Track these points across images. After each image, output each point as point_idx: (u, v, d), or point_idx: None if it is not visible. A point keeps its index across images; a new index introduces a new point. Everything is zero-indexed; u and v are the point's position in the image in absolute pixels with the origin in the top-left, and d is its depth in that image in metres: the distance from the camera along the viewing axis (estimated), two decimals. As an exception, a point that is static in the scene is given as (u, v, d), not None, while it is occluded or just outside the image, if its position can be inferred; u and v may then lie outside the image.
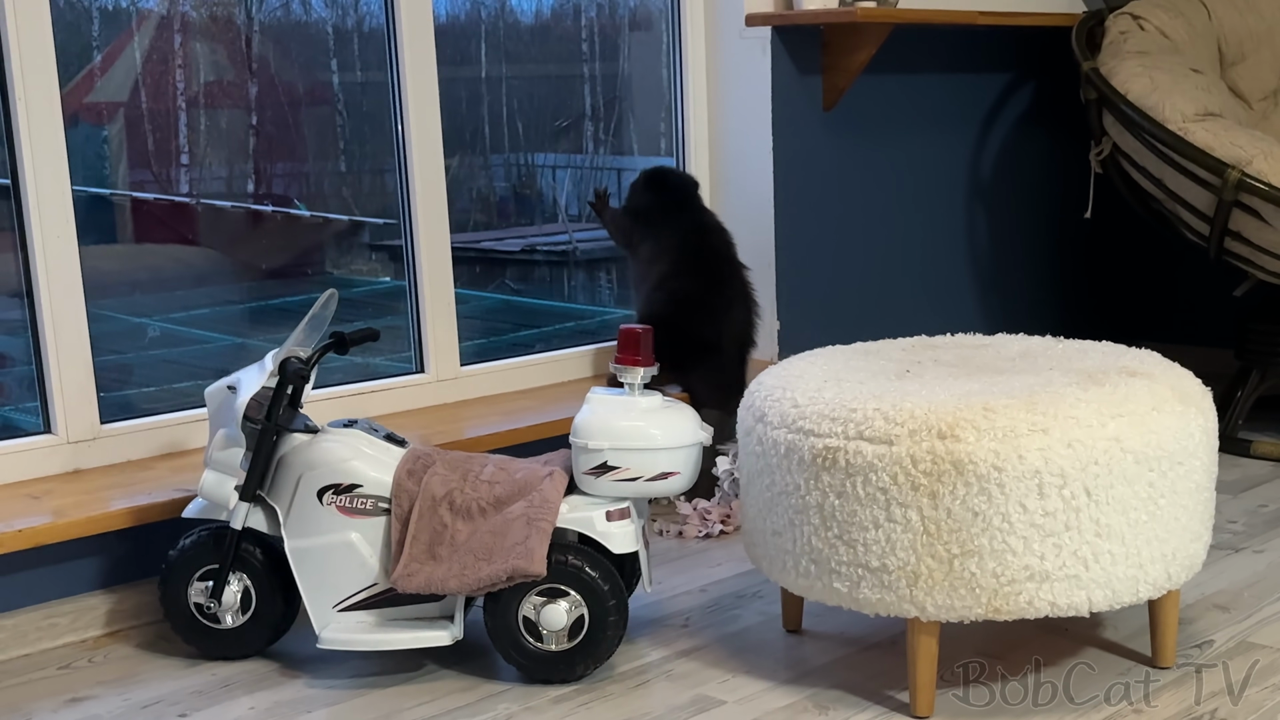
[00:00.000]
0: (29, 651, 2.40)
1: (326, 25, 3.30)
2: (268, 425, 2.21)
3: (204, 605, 2.28)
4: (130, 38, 2.98)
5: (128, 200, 3.01)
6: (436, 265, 3.07)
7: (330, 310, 2.31)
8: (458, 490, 2.19)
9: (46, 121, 2.53)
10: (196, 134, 3.09)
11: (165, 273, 3.09)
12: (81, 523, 2.36)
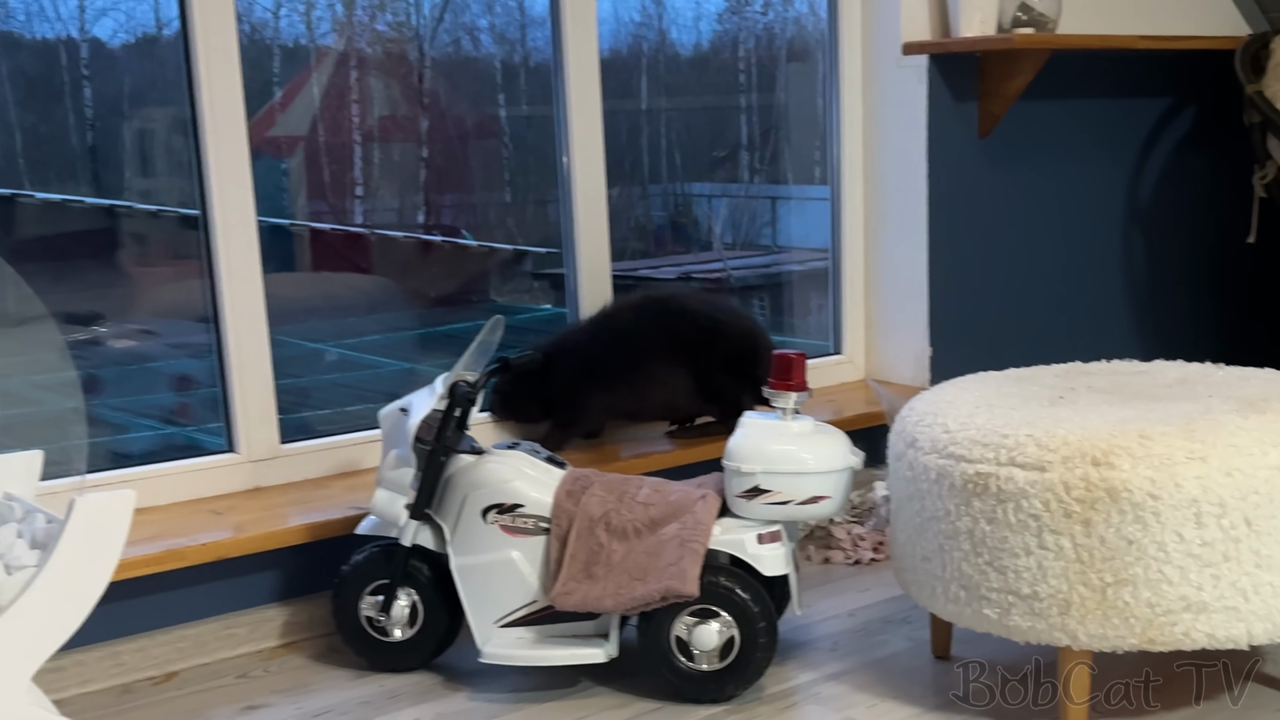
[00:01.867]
0: (209, 660, 2.46)
1: (495, 61, 3.35)
2: (436, 446, 2.24)
3: (374, 619, 2.31)
4: (309, 74, 3.07)
5: (306, 230, 3.10)
6: (597, 292, 3.09)
7: (497, 336, 2.35)
8: (614, 511, 2.20)
9: (234, 155, 2.59)
10: (370, 166, 3.17)
11: (340, 300, 3.17)
12: (260, 538, 2.41)
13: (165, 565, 2.30)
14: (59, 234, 2.77)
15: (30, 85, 2.73)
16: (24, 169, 2.74)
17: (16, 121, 2.71)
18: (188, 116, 2.59)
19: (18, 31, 2.66)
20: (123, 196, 2.85)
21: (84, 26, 2.75)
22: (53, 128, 2.77)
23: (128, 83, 2.85)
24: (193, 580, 2.41)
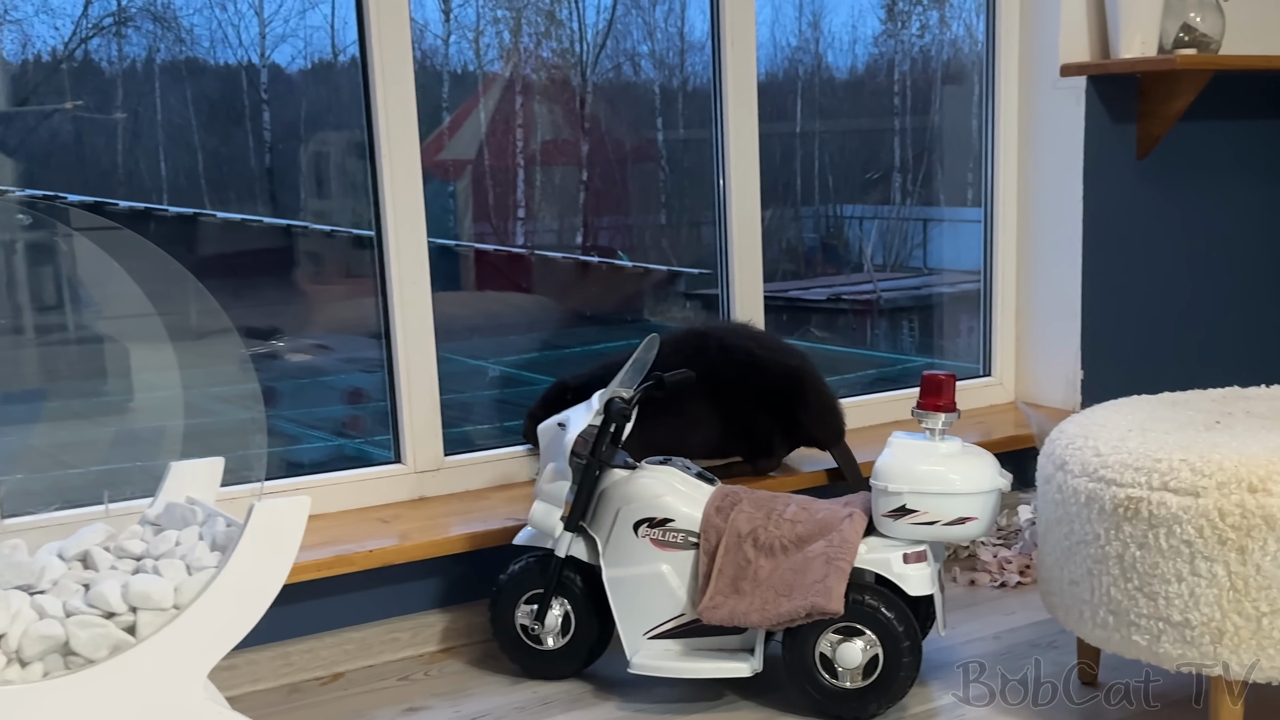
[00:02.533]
0: (373, 663, 2.53)
1: (654, 85, 3.40)
2: (591, 460, 2.28)
3: (529, 627, 2.36)
4: (477, 100, 3.15)
5: (470, 250, 3.17)
6: (749, 312, 3.11)
7: (652, 355, 2.37)
8: (762, 528, 2.22)
9: (407, 178, 2.67)
10: (533, 189, 3.24)
11: (501, 318, 3.24)
12: (424, 546, 2.48)
13: (334, 570, 2.38)
14: (238, 252, 2.88)
15: (213, 109, 2.85)
16: (205, 189, 2.86)
17: (199, 144, 2.83)
18: (362, 140, 2.68)
19: (202, 58, 2.78)
20: (298, 216, 2.95)
21: (264, 53, 2.86)
22: (233, 150, 2.89)
23: (304, 107, 2.96)
24: (359, 585, 2.49)
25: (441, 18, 3.02)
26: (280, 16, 2.83)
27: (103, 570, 1.78)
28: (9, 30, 2.50)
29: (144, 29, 2.68)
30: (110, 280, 2.25)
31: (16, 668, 1.63)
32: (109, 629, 1.66)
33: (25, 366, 2.49)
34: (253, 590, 1.72)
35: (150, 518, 1.94)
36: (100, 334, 2.59)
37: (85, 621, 1.65)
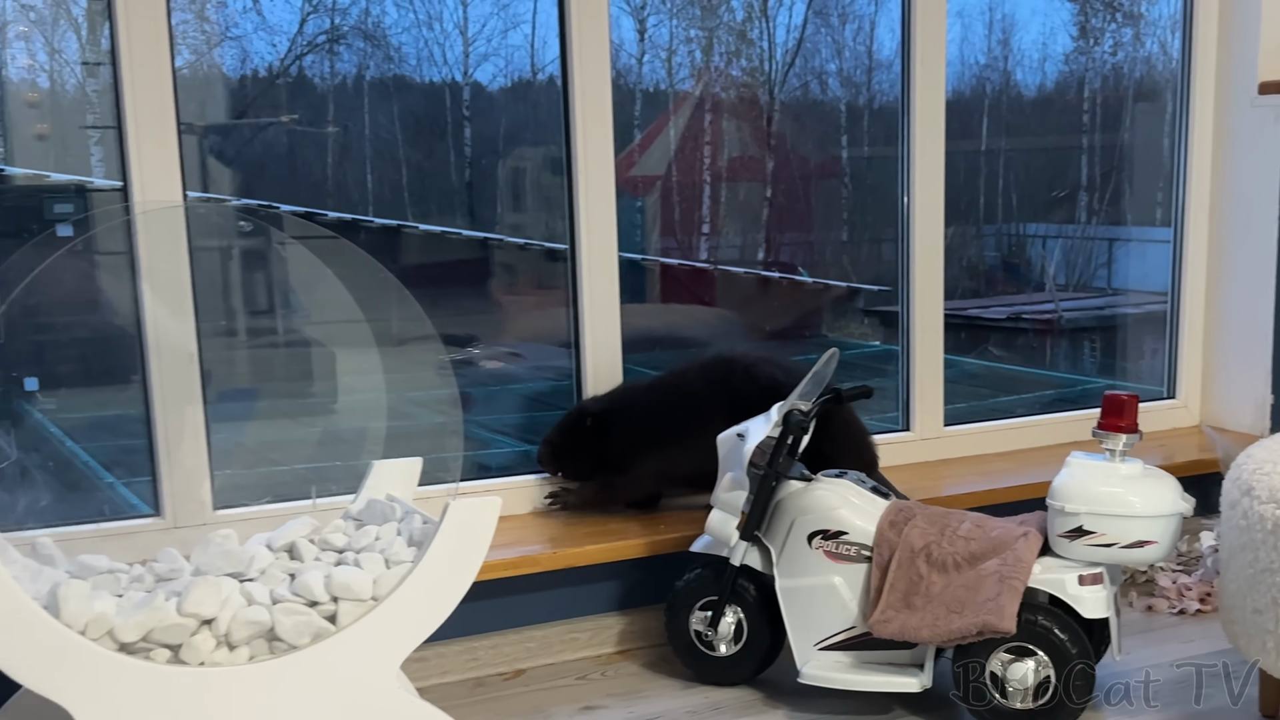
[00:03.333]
0: (553, 661, 2.58)
1: (840, 104, 3.41)
2: (768, 471, 2.29)
3: (702, 633, 2.39)
4: (668, 118, 3.21)
5: (656, 265, 3.23)
6: (929, 330, 3.10)
7: (831, 368, 2.39)
8: (935, 543, 2.21)
9: (601, 194, 2.73)
10: (718, 205, 3.28)
11: (683, 331, 3.28)
12: (605, 550, 2.52)
13: (520, 570, 2.44)
14: (436, 263, 2.99)
15: (417, 125, 2.97)
16: (408, 202, 2.98)
17: (404, 158, 2.95)
18: (557, 156, 2.76)
19: (409, 75, 2.90)
20: (494, 230, 3.05)
21: (467, 71, 2.97)
22: (435, 165, 3.00)
23: (503, 124, 3.06)
24: (543, 586, 2.54)
25: (636, 37, 3.09)
26: (483, 36, 2.94)
27: (307, 561, 1.87)
28: (229, 46, 2.65)
29: (355, 47, 2.81)
30: (323, 287, 2.37)
31: (225, 650, 1.73)
32: (312, 617, 1.75)
33: (237, 368, 2.63)
34: (445, 585, 1.79)
35: (352, 513, 2.04)
36: (308, 338, 2.72)
37: (290, 609, 1.74)
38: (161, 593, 1.71)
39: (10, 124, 2.52)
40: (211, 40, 2.57)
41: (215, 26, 2.58)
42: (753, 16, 3.21)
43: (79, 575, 1.80)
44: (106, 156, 2.54)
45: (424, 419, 2.34)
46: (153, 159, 2.31)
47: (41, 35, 2.47)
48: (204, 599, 1.69)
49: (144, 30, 2.27)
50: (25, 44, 2.47)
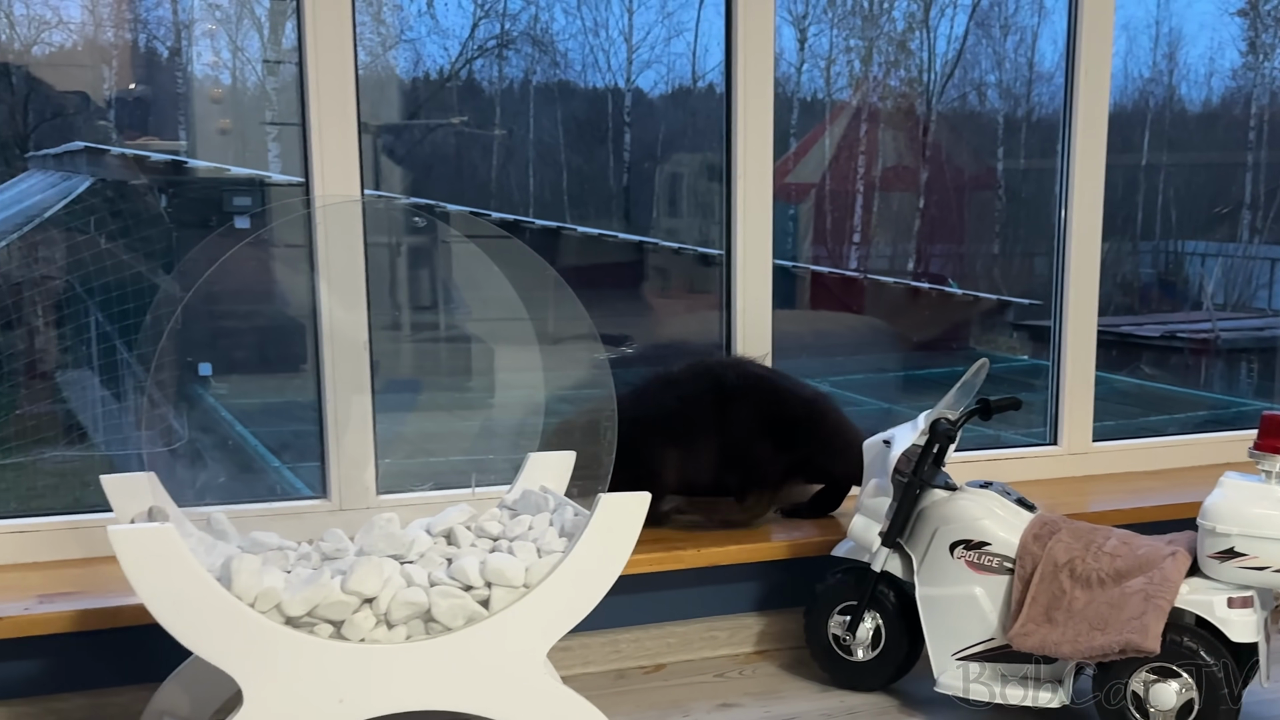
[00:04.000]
0: (692, 657, 2.61)
1: (998, 115, 3.40)
2: (913, 479, 2.29)
3: (841, 637, 2.40)
4: (824, 127, 3.24)
5: (806, 272, 3.26)
6: (1081, 345, 3.07)
7: (980, 378, 2.37)
8: (1079, 559, 2.19)
9: (758, 201, 2.76)
10: (870, 215, 3.29)
11: (831, 338, 3.29)
12: (747, 550, 2.54)
13: (664, 566, 2.47)
14: (592, 264, 3.06)
15: (579, 129, 3.04)
16: (567, 204, 3.05)
17: (565, 162, 3.03)
18: (713, 163, 2.80)
19: (574, 81, 2.97)
20: (649, 234, 3.11)
21: (630, 77, 3.03)
22: (595, 169, 3.07)
23: (662, 130, 3.11)
24: (685, 583, 2.58)
25: (796, 46, 3.12)
26: (647, 43, 2.99)
27: (463, 547, 1.94)
28: (404, 49, 2.74)
29: (523, 52, 2.89)
30: (490, 284, 2.44)
31: (384, 629, 1.80)
32: (466, 600, 1.80)
33: (401, 360, 2.73)
34: (593, 576, 1.83)
35: (508, 503, 2.10)
36: (469, 334, 2.81)
37: (446, 592, 1.80)
38: (327, 570, 1.79)
39: (195, 118, 2.64)
40: (387, 42, 2.67)
41: (391, 29, 2.68)
42: (914, 26, 3.22)
43: (250, 550, 1.88)
44: (284, 152, 2.65)
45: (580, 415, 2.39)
46: (334, 156, 2.41)
47: (226, 33, 2.60)
48: (367, 578, 1.76)
49: (329, 30, 2.37)
50: (210, 41, 2.60)
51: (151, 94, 2.62)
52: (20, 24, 2.43)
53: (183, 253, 2.58)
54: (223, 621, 1.69)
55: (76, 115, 2.58)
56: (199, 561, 1.69)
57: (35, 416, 2.58)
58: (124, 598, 2.15)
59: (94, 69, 2.55)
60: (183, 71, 2.60)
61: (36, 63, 2.49)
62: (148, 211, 2.61)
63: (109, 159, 2.59)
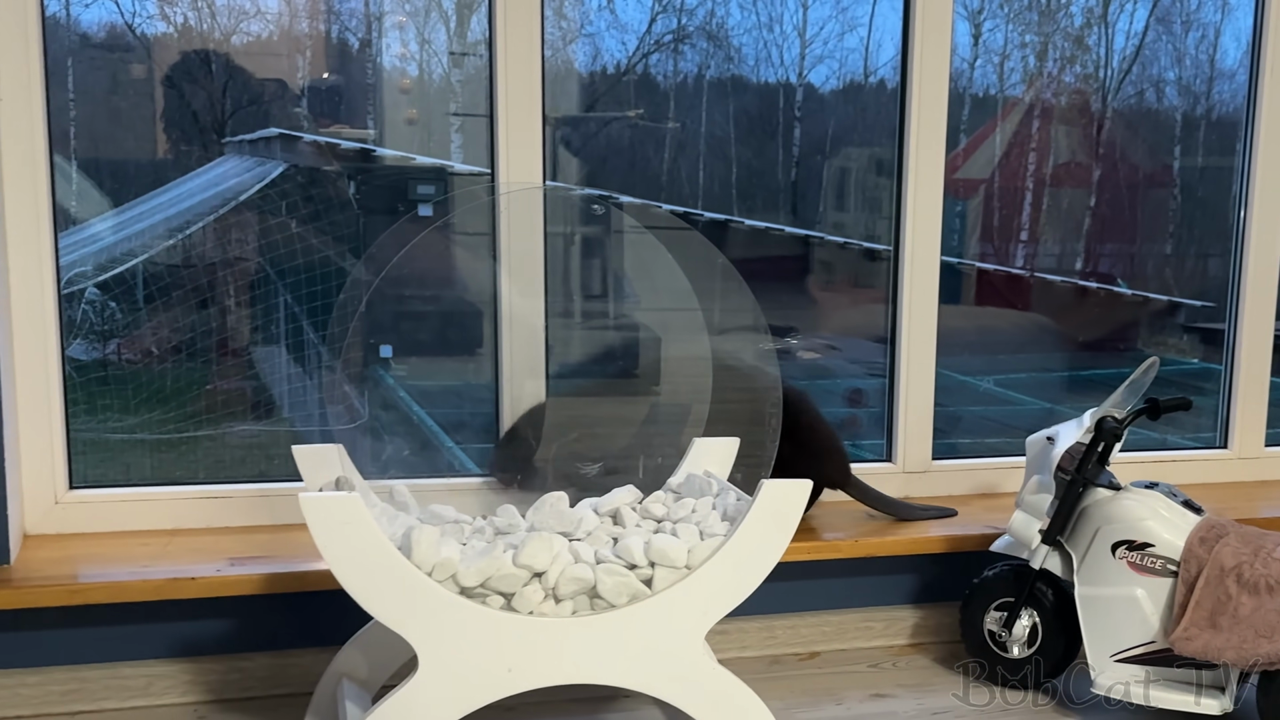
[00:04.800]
0: (846, 647, 2.64)
1: (1175, 113, 3.34)
2: (1076, 477, 2.29)
3: (996, 633, 2.40)
4: (995, 123, 3.22)
5: (972, 269, 3.25)
6: (1257, 348, 3.01)
7: (1149, 378, 2.34)
8: (1247, 564, 2.16)
9: (928, 197, 2.78)
10: (1038, 212, 3.27)
11: (996, 335, 3.28)
12: (904, 542, 2.56)
13: (821, 554, 2.51)
14: (758, 257, 3.10)
15: (750, 124, 3.08)
16: (735, 198, 3.10)
17: (734, 155, 3.07)
18: (884, 158, 2.81)
19: (746, 75, 3.01)
20: (815, 228, 3.14)
21: (802, 72, 3.06)
22: (763, 163, 3.11)
23: (832, 125, 3.13)
24: (842, 572, 2.61)
25: (970, 42, 3.11)
26: (820, 39, 3.02)
27: (629, 527, 2.00)
28: (583, 44, 2.82)
29: (698, 46, 2.94)
30: (661, 274, 2.50)
31: (551, 603, 1.86)
32: (630, 579, 1.86)
33: (571, 347, 2.80)
34: (753, 560, 1.87)
35: (672, 486, 2.16)
36: (637, 323, 2.87)
37: (612, 570, 1.86)
38: (500, 544, 1.87)
39: (383, 108, 2.76)
40: (567, 37, 2.75)
41: (571, 24, 2.76)
42: (1091, 22, 3.18)
43: (429, 522, 1.98)
44: (466, 142, 2.75)
45: (738, 407, 2.43)
46: (518, 146, 2.49)
47: (414, 26, 2.70)
48: (537, 553, 1.83)
49: (518, 24, 2.46)
50: (399, 34, 2.70)
51: (343, 83, 2.74)
52: (221, 14, 2.57)
53: (369, 238, 2.69)
54: (402, 588, 1.77)
55: (272, 103, 2.72)
56: (382, 530, 1.78)
57: (225, 392, 2.72)
58: (309, 563, 2.27)
59: (289, 58, 2.67)
60: (372, 62, 2.72)
61: (235, 51, 2.63)
62: (337, 197, 2.73)
63: (302, 145, 2.72)
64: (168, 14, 2.55)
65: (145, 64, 2.58)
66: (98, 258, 2.65)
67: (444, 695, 1.81)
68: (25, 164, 2.27)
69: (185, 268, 2.71)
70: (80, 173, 2.45)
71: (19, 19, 2.23)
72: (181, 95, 2.61)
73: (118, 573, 2.22)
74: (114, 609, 2.24)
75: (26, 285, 2.30)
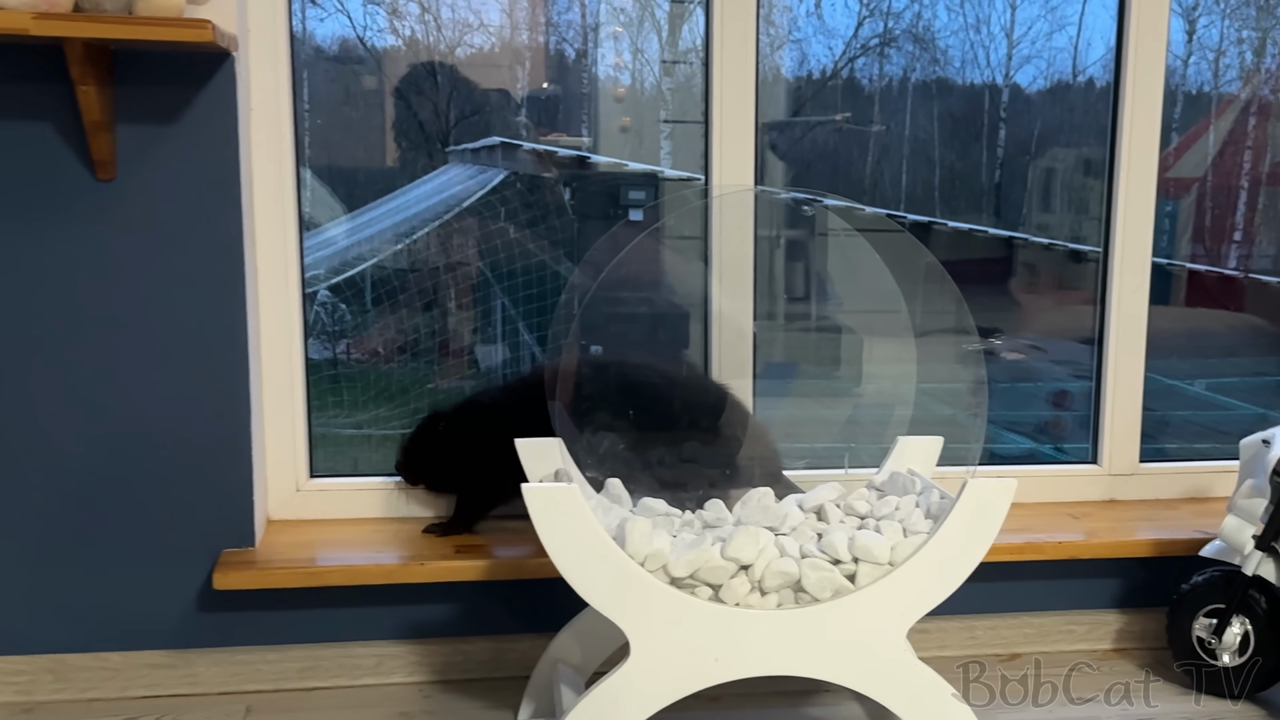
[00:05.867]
0: (1048, 649, 2.64)
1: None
2: (1292, 482, 2.23)
3: (1205, 640, 2.37)
4: (1209, 121, 3.16)
5: (1182, 270, 3.19)
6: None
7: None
8: None
9: (1140, 198, 2.75)
10: (1253, 212, 3.20)
11: (1204, 339, 3.21)
12: (1109, 545, 2.55)
13: (1023, 556, 2.51)
14: (960, 259, 3.10)
15: (954, 125, 3.09)
16: (938, 200, 3.11)
17: (938, 158, 3.09)
18: (1091, 158, 2.79)
19: (952, 77, 3.02)
20: (1019, 229, 3.13)
21: (1009, 73, 3.06)
22: (967, 165, 3.11)
23: (1038, 126, 3.12)
24: (1044, 574, 2.61)
25: (1184, 39, 3.06)
26: (1028, 39, 3.01)
27: (832, 523, 2.05)
28: (790, 49, 2.88)
29: (904, 49, 2.97)
30: (865, 276, 2.54)
31: (757, 595, 1.92)
32: (834, 574, 1.91)
33: (774, 348, 2.86)
34: (956, 559, 1.90)
35: (876, 484, 2.20)
36: (839, 325, 2.92)
37: (816, 564, 1.92)
38: (709, 537, 1.94)
39: (598, 116, 2.86)
40: (775, 43, 2.81)
41: (779, 30, 2.82)
42: (1313, 16, 3.11)
43: (641, 515, 2.07)
44: (675, 149, 2.84)
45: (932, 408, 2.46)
46: (731, 151, 2.56)
47: (628, 36, 2.80)
48: (744, 546, 1.90)
49: (734, 32, 2.53)
50: (614, 43, 2.80)
51: (560, 93, 2.86)
52: (446, 27, 2.71)
53: (583, 242, 2.80)
54: (616, 577, 1.86)
55: (493, 112, 2.85)
56: (598, 521, 1.87)
57: (446, 391, 2.85)
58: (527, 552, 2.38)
59: (510, 69, 2.80)
60: (588, 72, 2.82)
61: (459, 63, 2.77)
62: (554, 203, 2.84)
63: (521, 153, 2.84)
64: (397, 28, 2.70)
65: (376, 75, 2.73)
66: (330, 262, 2.81)
67: (653, 682, 1.89)
68: (274, 172, 2.41)
69: (410, 272, 2.86)
70: (315, 179, 2.61)
71: (270, 35, 2.38)
72: (409, 106, 2.76)
73: (353, 557, 2.36)
74: (349, 591, 2.40)
75: (273, 287, 2.46)
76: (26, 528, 2.30)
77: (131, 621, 2.36)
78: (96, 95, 2.10)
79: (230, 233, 2.27)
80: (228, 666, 2.40)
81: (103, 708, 2.33)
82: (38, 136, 2.18)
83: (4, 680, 2.34)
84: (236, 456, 2.34)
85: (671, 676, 1.90)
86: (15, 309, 2.23)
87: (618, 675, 1.89)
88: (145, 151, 2.22)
